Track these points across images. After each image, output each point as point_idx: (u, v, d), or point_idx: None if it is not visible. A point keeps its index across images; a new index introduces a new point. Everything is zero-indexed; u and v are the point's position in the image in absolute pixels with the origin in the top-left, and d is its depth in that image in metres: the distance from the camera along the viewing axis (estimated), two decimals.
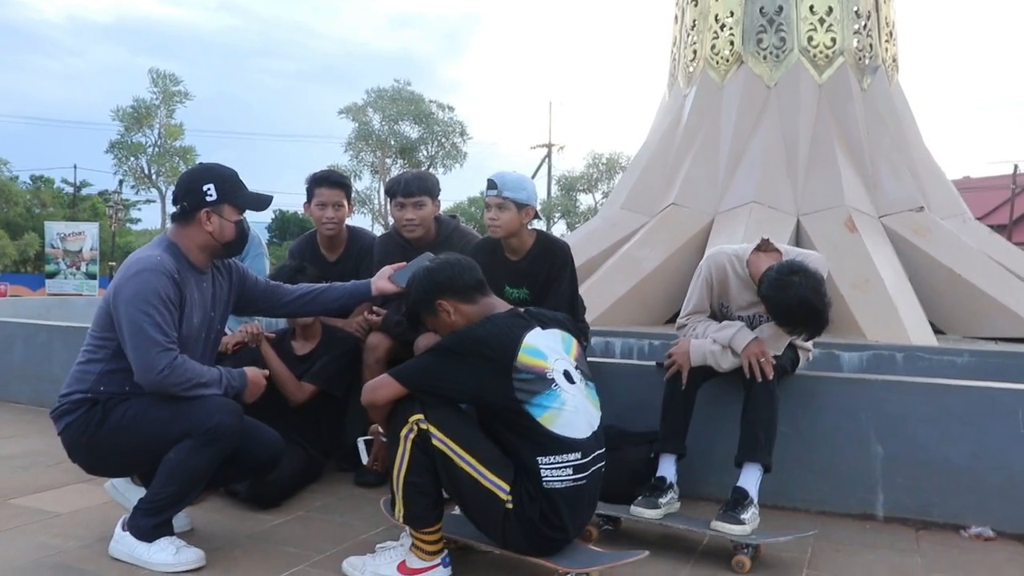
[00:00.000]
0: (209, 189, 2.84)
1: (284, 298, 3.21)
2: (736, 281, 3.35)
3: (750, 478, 3.09)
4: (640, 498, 3.14)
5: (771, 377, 3.14)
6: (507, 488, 2.46)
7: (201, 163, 3.22)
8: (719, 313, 3.45)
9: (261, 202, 2.98)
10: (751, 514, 2.98)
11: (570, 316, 3.70)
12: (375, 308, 3.85)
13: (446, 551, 2.62)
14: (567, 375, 2.57)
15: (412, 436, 2.48)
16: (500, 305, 2.72)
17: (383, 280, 3.18)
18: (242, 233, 2.93)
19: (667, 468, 3.26)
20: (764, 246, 3.29)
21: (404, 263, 3.20)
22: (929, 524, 3.36)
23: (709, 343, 3.30)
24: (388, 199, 4.03)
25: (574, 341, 2.71)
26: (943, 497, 3.36)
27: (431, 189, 3.95)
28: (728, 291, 3.38)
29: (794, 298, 2.92)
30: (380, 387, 2.58)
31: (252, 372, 2.93)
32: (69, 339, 5.49)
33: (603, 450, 2.65)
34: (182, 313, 2.79)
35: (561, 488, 2.48)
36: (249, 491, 3.40)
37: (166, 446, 2.70)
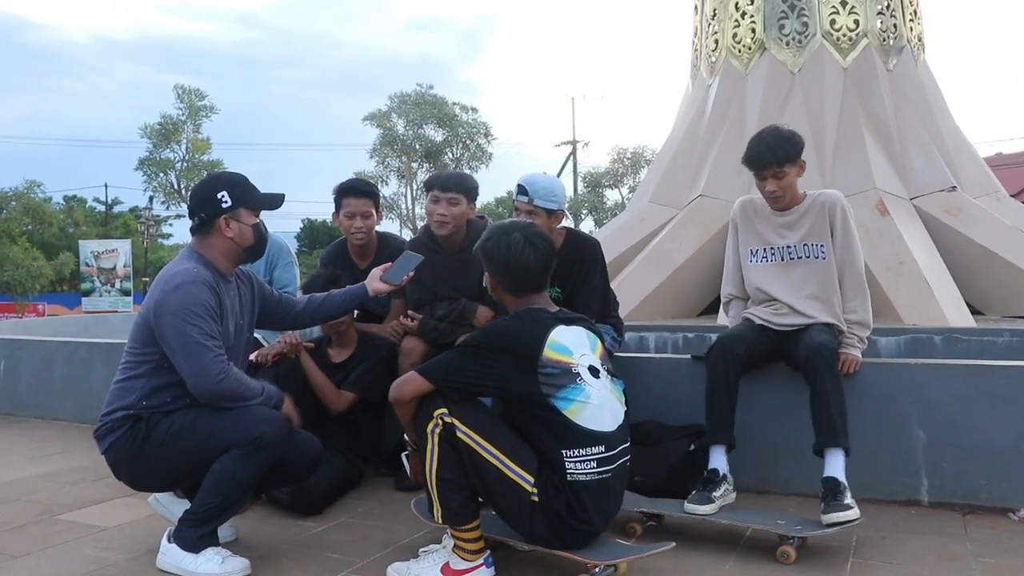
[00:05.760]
0: (223, 196, 2.88)
1: (296, 309, 3.28)
2: (759, 216, 3.54)
3: (836, 465, 3.04)
4: (693, 493, 3.12)
5: None
6: (531, 480, 2.48)
7: (209, 173, 3.30)
8: (753, 257, 3.57)
9: (274, 201, 3.03)
10: (851, 497, 2.95)
11: (603, 312, 3.72)
12: (411, 312, 3.86)
13: (488, 551, 2.62)
14: (592, 370, 2.58)
15: (438, 431, 2.51)
16: (546, 305, 2.71)
17: (376, 281, 3.28)
18: (260, 236, 2.98)
19: (718, 460, 3.23)
20: None
21: (390, 264, 3.33)
22: (976, 508, 3.32)
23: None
24: (425, 192, 3.98)
25: (599, 341, 2.72)
26: (989, 480, 3.31)
27: (469, 189, 3.90)
28: (756, 228, 3.55)
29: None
30: (406, 383, 2.59)
31: (288, 406, 2.95)
32: (108, 356, 5.57)
33: (628, 444, 2.65)
34: (221, 321, 2.83)
35: (586, 481, 2.49)
36: (291, 499, 3.43)
37: (211, 458, 2.73)
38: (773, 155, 3.33)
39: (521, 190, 3.58)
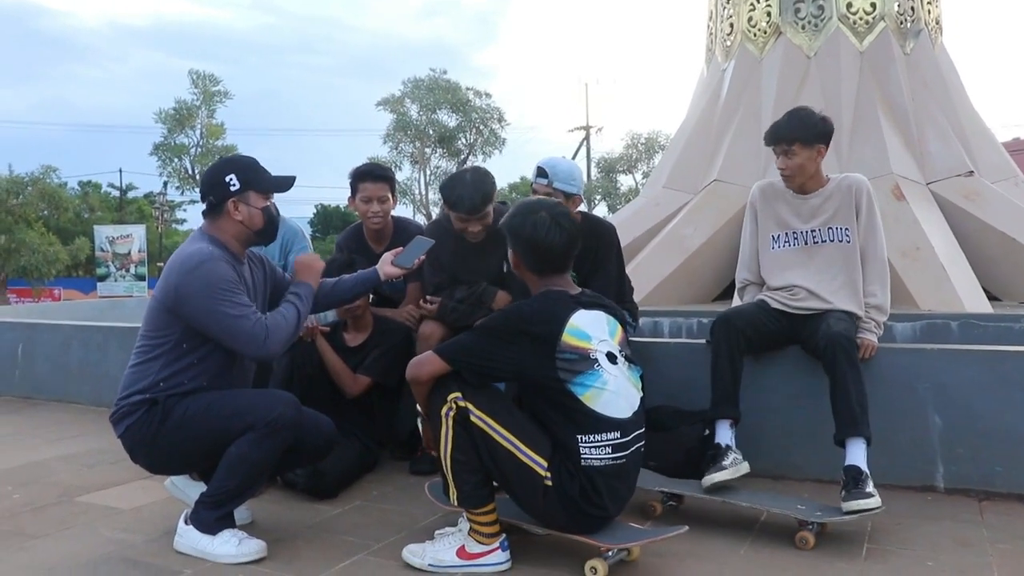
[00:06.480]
0: (231, 179, 2.89)
1: None
2: (780, 200, 3.52)
3: (857, 453, 3.02)
4: (705, 473, 3.11)
5: None
6: (545, 464, 2.49)
7: (221, 156, 3.29)
8: (775, 243, 3.54)
9: (284, 183, 3.02)
10: (872, 486, 2.94)
11: (618, 297, 3.72)
12: (429, 296, 3.85)
13: (504, 535, 2.63)
14: (610, 356, 2.58)
15: (452, 414, 2.53)
16: (567, 287, 2.70)
17: (387, 265, 3.29)
18: (270, 219, 2.98)
19: (723, 435, 3.23)
20: None
21: (401, 248, 3.34)
22: (992, 494, 3.30)
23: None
24: (447, 208, 3.81)
25: (619, 326, 2.71)
26: (1006, 466, 3.29)
27: (492, 198, 3.76)
28: (777, 213, 3.53)
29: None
30: (424, 363, 2.61)
31: (302, 269, 3.11)
32: (124, 339, 5.60)
33: (643, 430, 2.66)
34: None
35: (600, 466, 2.50)
36: (307, 483, 3.45)
37: (228, 441, 2.74)
38: (785, 132, 3.35)
39: (541, 172, 3.57)
